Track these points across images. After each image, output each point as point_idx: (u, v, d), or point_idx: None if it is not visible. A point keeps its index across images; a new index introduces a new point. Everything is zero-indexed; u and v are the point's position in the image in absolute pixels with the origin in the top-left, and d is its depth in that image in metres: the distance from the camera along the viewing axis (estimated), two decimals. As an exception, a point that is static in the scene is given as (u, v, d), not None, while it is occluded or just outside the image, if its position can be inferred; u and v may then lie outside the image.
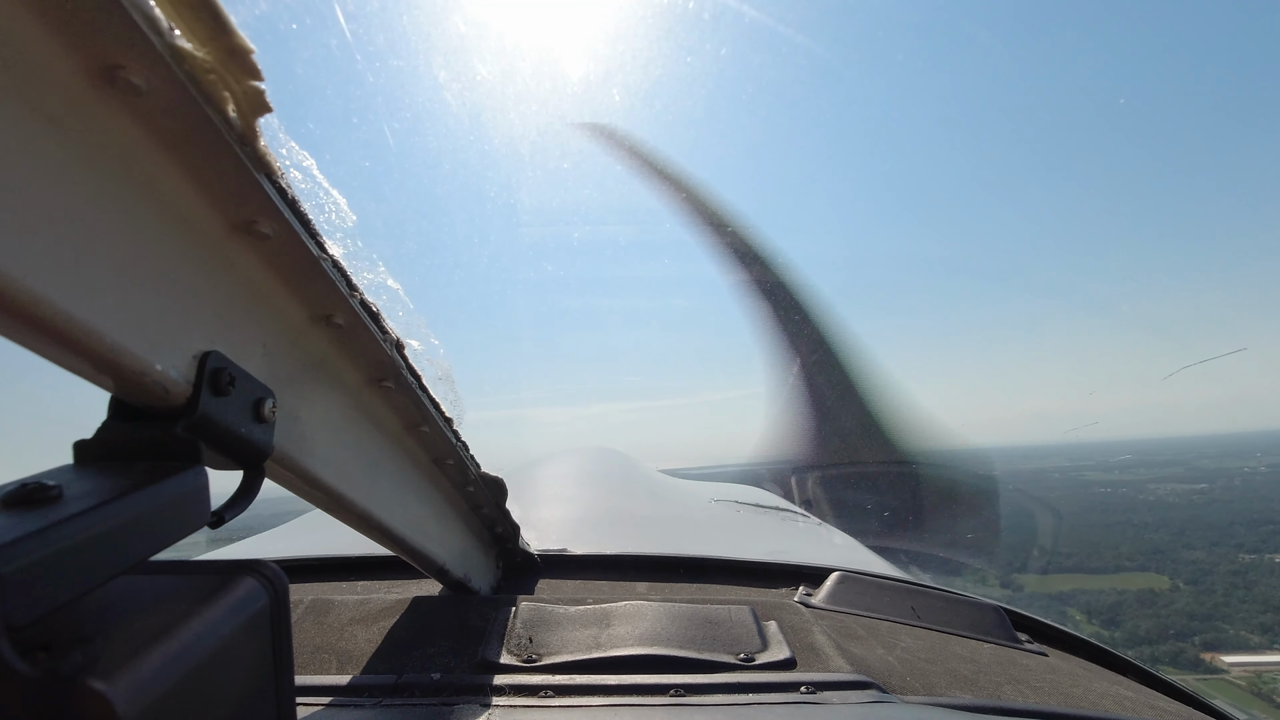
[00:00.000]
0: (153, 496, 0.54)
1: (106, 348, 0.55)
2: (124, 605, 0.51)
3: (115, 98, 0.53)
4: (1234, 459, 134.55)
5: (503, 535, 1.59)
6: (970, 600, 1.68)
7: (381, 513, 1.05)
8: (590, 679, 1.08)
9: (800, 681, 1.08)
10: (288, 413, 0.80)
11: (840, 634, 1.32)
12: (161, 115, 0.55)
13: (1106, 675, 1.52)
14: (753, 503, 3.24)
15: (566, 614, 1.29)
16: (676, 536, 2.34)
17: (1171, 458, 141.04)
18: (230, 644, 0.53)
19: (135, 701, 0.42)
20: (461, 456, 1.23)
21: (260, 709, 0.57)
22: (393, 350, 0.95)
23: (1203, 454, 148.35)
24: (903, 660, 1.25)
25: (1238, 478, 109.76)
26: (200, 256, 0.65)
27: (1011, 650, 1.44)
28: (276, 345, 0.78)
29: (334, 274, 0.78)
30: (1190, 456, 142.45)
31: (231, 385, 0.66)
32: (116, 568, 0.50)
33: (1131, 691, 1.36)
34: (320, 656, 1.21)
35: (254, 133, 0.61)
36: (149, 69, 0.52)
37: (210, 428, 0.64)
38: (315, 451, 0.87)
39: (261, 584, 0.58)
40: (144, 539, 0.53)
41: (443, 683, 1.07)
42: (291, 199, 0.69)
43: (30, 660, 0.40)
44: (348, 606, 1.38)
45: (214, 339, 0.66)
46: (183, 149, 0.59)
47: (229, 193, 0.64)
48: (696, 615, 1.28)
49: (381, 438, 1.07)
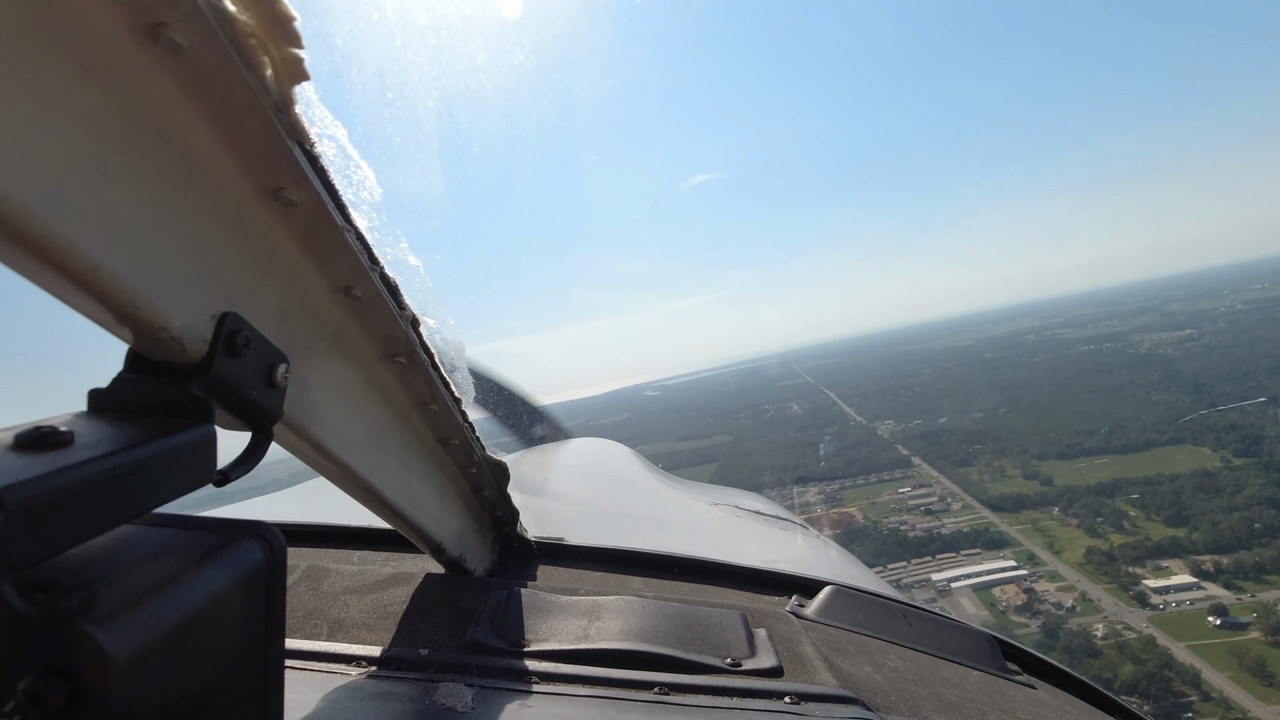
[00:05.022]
0: (161, 450, 0.55)
1: (129, 300, 0.56)
2: (125, 555, 0.51)
3: (156, 55, 0.53)
4: (1205, 299, 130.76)
5: (501, 519, 1.60)
6: (962, 626, 1.67)
7: (383, 486, 1.05)
8: (576, 669, 1.08)
9: (785, 691, 1.08)
10: (299, 380, 0.81)
11: (829, 648, 1.31)
12: (200, 75, 0.56)
13: (1093, 714, 1.50)
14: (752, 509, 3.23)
15: (558, 603, 1.29)
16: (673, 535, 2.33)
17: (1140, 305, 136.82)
18: (225, 602, 0.54)
19: (128, 648, 0.43)
20: (467, 437, 1.24)
21: (249, 668, 0.58)
22: (408, 327, 0.95)
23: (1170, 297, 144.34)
24: (889, 680, 1.24)
25: (1220, 319, 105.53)
26: (226, 218, 0.66)
27: (1000, 680, 1.43)
28: (294, 312, 0.79)
29: (357, 246, 0.79)
30: (1158, 301, 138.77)
31: (247, 348, 0.67)
32: (120, 517, 0.51)
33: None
34: (312, 622, 1.22)
35: (290, 100, 0.62)
36: (191, 28, 0.52)
37: (223, 388, 0.65)
38: (323, 420, 0.88)
39: (260, 545, 0.59)
40: (149, 491, 0.53)
41: (430, 659, 1.08)
42: (321, 168, 0.70)
43: (29, 600, 0.41)
44: (343, 575, 1.39)
45: (233, 300, 0.67)
46: (218, 111, 0.59)
47: (260, 158, 0.65)
48: (687, 616, 1.28)
49: (390, 412, 1.08)
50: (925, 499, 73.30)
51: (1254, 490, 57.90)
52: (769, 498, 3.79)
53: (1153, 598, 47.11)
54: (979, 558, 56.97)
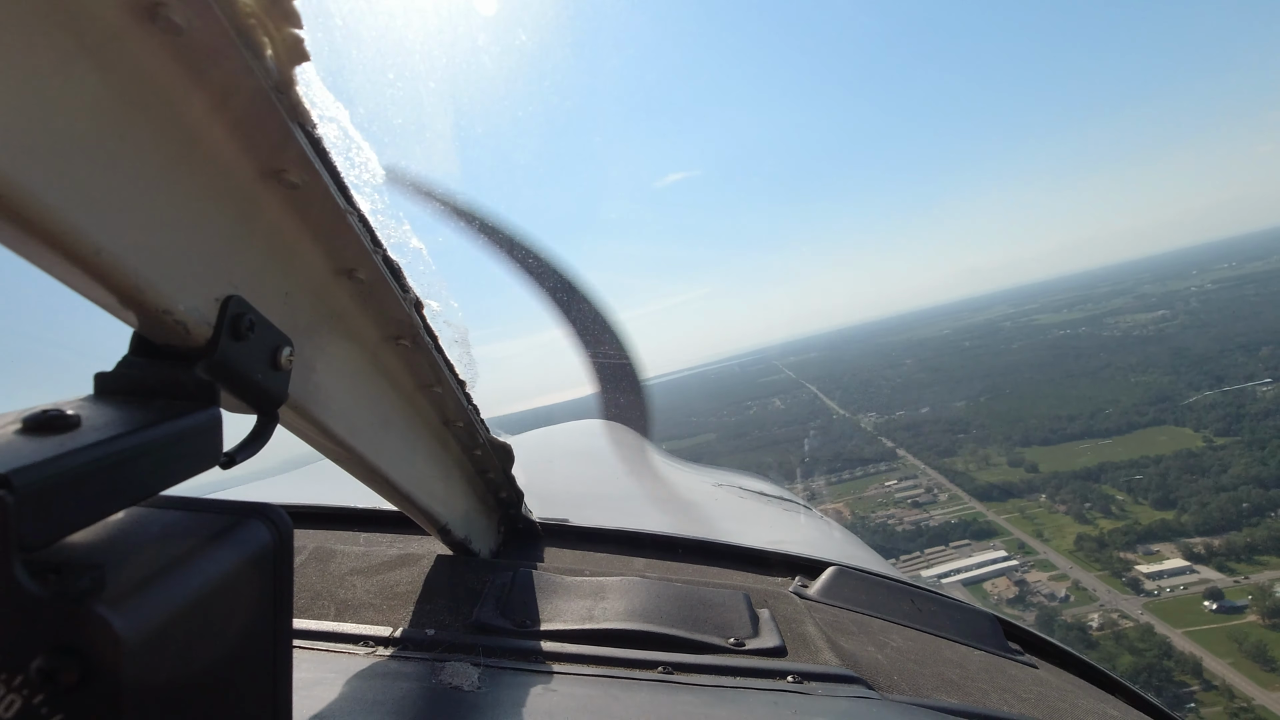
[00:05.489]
0: (168, 433, 0.55)
1: (133, 284, 0.56)
2: (133, 536, 0.52)
3: (155, 34, 0.53)
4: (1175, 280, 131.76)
5: (506, 500, 1.61)
6: (964, 606, 1.68)
7: (389, 468, 1.06)
8: (581, 649, 1.10)
9: (788, 670, 1.09)
10: (304, 362, 0.81)
11: (832, 628, 1.32)
12: (199, 56, 0.55)
13: (1095, 693, 1.51)
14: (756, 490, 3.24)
15: (563, 583, 1.30)
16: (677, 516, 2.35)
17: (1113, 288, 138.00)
18: (233, 583, 0.54)
19: (138, 629, 0.44)
20: (471, 419, 1.24)
21: (258, 648, 0.59)
22: (411, 309, 0.95)
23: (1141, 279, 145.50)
24: (892, 659, 1.25)
25: (1191, 299, 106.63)
26: (228, 201, 0.66)
27: (1002, 659, 1.44)
28: (297, 295, 0.79)
29: (360, 229, 0.79)
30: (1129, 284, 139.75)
31: (251, 331, 0.67)
32: (128, 499, 0.51)
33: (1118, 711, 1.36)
34: (319, 603, 1.23)
35: (290, 80, 0.61)
36: (191, 8, 0.52)
37: (228, 371, 0.65)
38: (328, 403, 0.88)
39: (267, 527, 0.59)
40: (156, 473, 0.54)
41: (436, 639, 1.09)
42: (322, 150, 0.69)
43: (40, 581, 0.41)
44: (350, 557, 1.41)
45: (237, 284, 0.67)
46: (218, 92, 0.59)
47: (261, 139, 0.64)
48: (691, 596, 1.29)
49: (394, 395, 1.08)
50: (912, 491, 73.44)
51: (1239, 469, 57.77)
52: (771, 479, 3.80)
53: (1146, 583, 46.90)
54: (969, 549, 56.83)
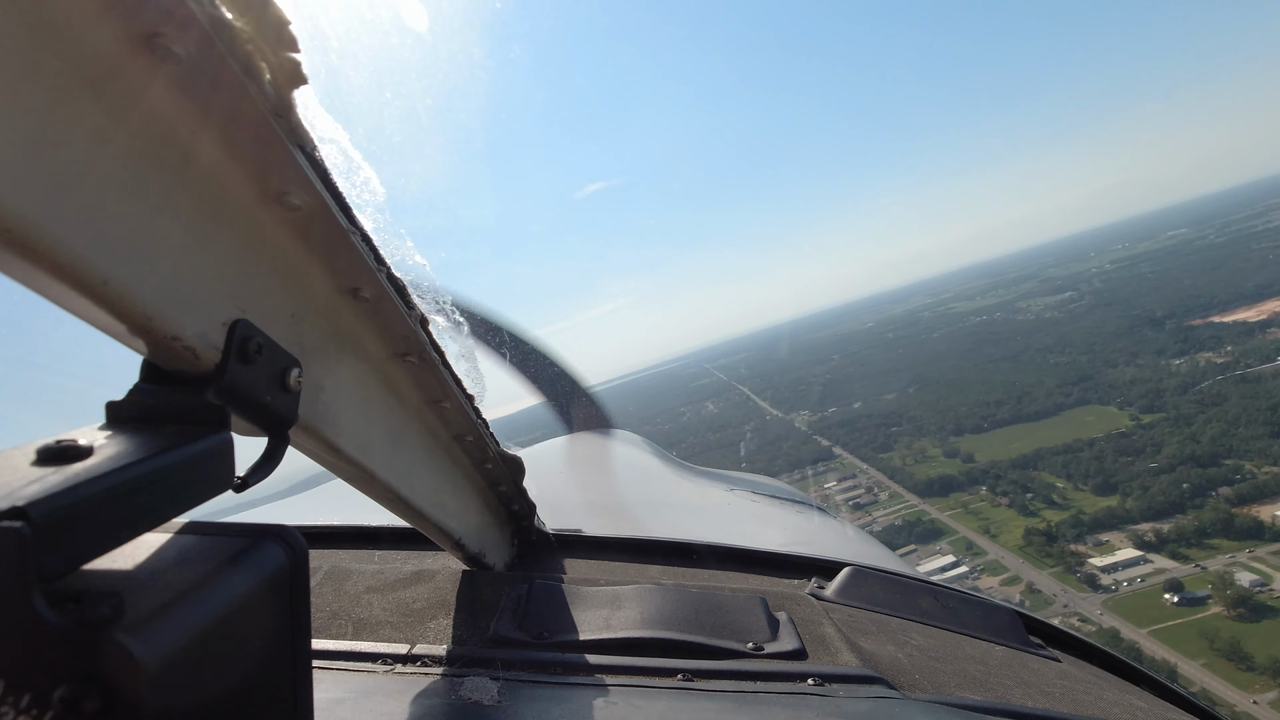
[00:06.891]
0: (180, 458, 0.55)
1: (141, 311, 0.56)
2: (150, 563, 0.52)
3: (153, 65, 0.53)
4: (1076, 263, 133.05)
5: (519, 513, 1.60)
6: (984, 601, 1.66)
7: (401, 485, 1.06)
8: (600, 659, 1.09)
9: (809, 673, 1.08)
10: (312, 383, 0.81)
11: (850, 628, 1.32)
12: (198, 83, 0.56)
13: (1120, 685, 1.50)
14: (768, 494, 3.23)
15: (579, 594, 1.30)
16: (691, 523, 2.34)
17: (1020, 273, 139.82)
18: (250, 605, 0.54)
19: (158, 656, 0.44)
20: (481, 433, 1.24)
21: (277, 669, 0.59)
22: (417, 325, 0.96)
23: (1045, 264, 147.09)
24: (912, 658, 1.24)
25: (1094, 279, 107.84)
26: (232, 225, 0.66)
27: (1024, 654, 1.43)
28: (303, 316, 0.79)
29: (363, 247, 0.79)
30: (1035, 269, 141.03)
31: (259, 354, 0.67)
32: (143, 526, 0.51)
33: (1145, 702, 1.35)
34: (336, 622, 1.23)
35: (289, 104, 0.62)
36: (188, 36, 0.52)
37: (237, 394, 0.65)
38: (338, 422, 0.88)
39: (282, 548, 0.60)
40: (170, 499, 0.54)
41: (454, 654, 1.09)
42: (323, 171, 0.70)
43: (60, 611, 0.42)
44: (365, 575, 1.41)
45: (243, 307, 0.67)
46: (218, 118, 0.60)
47: (262, 163, 0.65)
48: (707, 602, 1.28)
49: (403, 411, 1.08)
50: (853, 492, 72.88)
51: (1173, 449, 57.10)
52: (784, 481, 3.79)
53: (1102, 578, 45.70)
54: (915, 555, 55.38)
